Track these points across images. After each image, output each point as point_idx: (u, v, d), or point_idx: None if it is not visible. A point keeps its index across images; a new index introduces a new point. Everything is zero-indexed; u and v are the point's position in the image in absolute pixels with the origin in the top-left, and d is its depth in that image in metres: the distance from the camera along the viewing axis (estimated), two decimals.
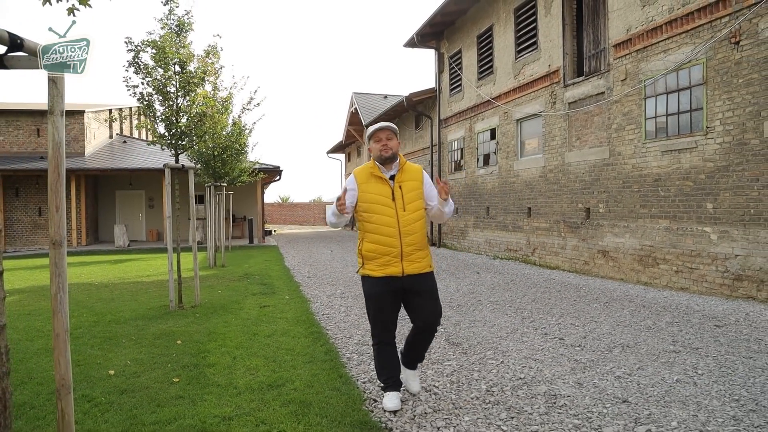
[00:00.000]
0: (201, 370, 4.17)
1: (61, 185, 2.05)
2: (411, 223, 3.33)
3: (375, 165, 3.44)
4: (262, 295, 8.09)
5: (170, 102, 6.66)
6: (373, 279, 3.35)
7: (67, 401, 2.14)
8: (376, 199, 3.35)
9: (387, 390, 3.42)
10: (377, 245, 3.32)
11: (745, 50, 7.37)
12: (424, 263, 3.38)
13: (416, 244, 3.34)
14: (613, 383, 3.75)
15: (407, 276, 3.30)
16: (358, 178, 3.43)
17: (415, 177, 3.46)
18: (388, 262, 3.30)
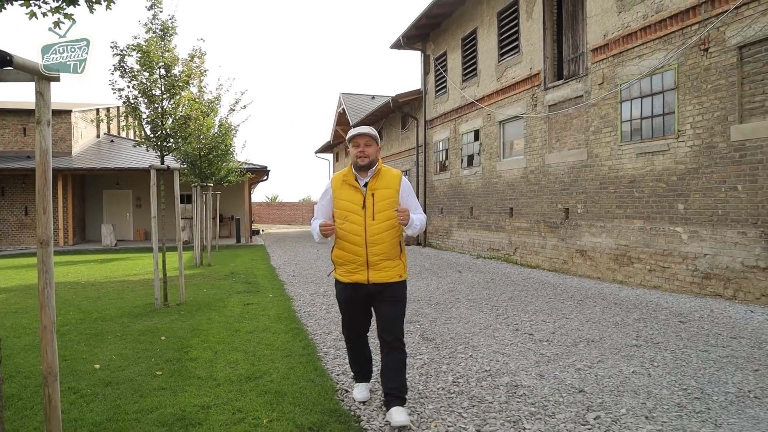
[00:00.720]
0: (183, 363, 4.35)
1: (48, 189, 2.22)
2: (379, 233, 3.27)
3: (350, 171, 3.38)
4: (247, 293, 8.27)
5: (155, 105, 6.82)
6: (341, 284, 3.38)
7: (53, 388, 2.33)
8: (347, 206, 3.32)
9: (357, 381, 3.58)
10: (344, 252, 3.32)
11: (713, 57, 7.66)
12: (392, 272, 3.31)
13: (384, 254, 3.27)
14: (573, 375, 3.99)
15: (373, 284, 3.28)
16: (333, 184, 3.42)
17: (390, 185, 3.36)
18: (355, 270, 3.30)
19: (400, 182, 3.39)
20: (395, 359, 3.28)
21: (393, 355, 3.28)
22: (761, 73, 7.06)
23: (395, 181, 3.38)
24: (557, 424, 3.08)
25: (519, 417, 3.19)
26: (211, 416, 3.20)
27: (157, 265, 7.00)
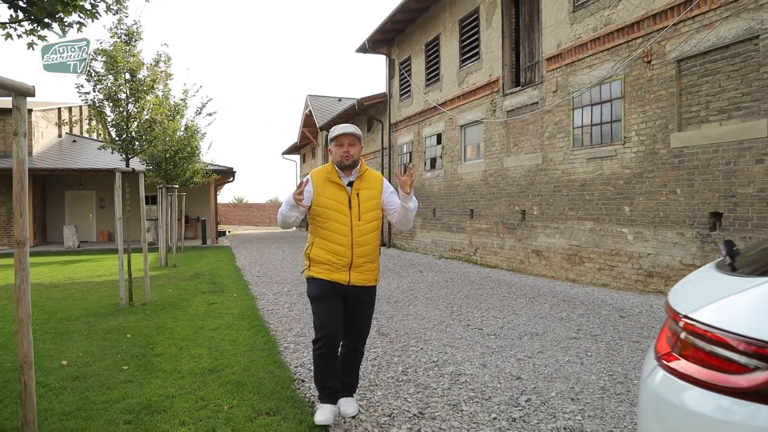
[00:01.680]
0: (149, 359, 4.56)
1: (24, 195, 2.44)
2: (365, 234, 3.23)
3: (333, 170, 3.28)
4: (211, 293, 8.44)
5: (121, 108, 6.96)
6: (319, 280, 3.22)
7: (29, 375, 2.54)
8: (331, 204, 3.21)
9: (322, 401, 3.27)
10: (327, 252, 3.20)
11: (655, 69, 8.19)
12: (371, 276, 3.29)
13: (367, 256, 3.24)
14: (513, 364, 4.35)
15: (352, 286, 3.22)
16: (315, 181, 3.28)
17: (373, 186, 3.32)
18: (336, 269, 3.20)
19: (382, 183, 3.39)
20: (353, 358, 3.37)
21: (352, 356, 3.36)
22: (696, 85, 7.61)
23: (378, 182, 3.36)
24: (491, 406, 3.43)
25: (458, 401, 3.53)
26: (175, 404, 3.44)
27: (122, 266, 7.14)
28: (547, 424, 3.14)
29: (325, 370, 3.23)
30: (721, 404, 0.98)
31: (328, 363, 3.21)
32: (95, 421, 3.18)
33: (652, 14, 8.17)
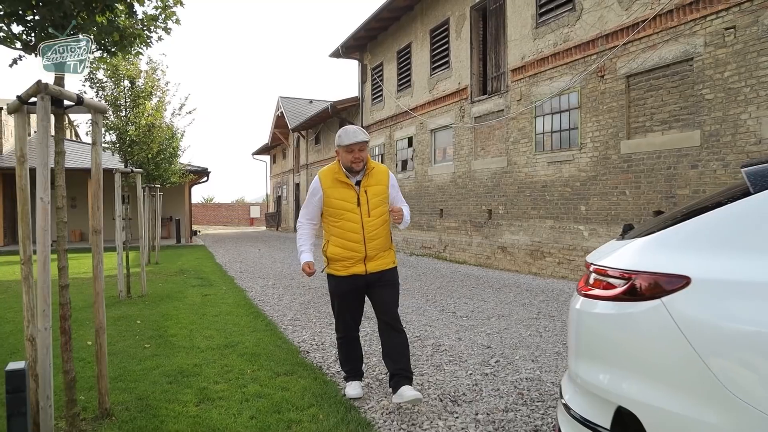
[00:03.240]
0: (165, 339, 5.16)
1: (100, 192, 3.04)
2: (375, 228, 3.39)
3: (341, 170, 3.41)
4: (201, 286, 9.00)
5: (120, 114, 7.49)
6: (338, 278, 3.44)
7: (103, 338, 3.16)
8: (341, 204, 3.38)
9: (349, 380, 3.60)
10: (342, 249, 3.37)
11: (608, 83, 9.13)
12: (387, 260, 3.48)
13: (381, 247, 3.43)
14: (483, 338, 5.13)
15: (370, 273, 3.40)
16: (324, 183, 3.43)
17: (380, 181, 3.47)
18: (353, 264, 3.38)
19: (388, 177, 3.52)
20: (398, 341, 3.43)
21: (395, 336, 3.44)
22: (642, 98, 8.57)
23: (384, 176, 3.50)
24: (468, 366, 4.18)
25: (440, 363, 4.28)
26: (204, 370, 4.08)
27: (122, 261, 7.65)
28: (513, 377, 3.91)
29: (348, 353, 3.60)
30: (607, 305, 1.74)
31: (350, 348, 3.59)
32: (141, 382, 3.80)
33: (605, 34, 9.12)
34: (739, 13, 7.17)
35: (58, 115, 2.96)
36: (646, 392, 1.61)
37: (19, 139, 2.88)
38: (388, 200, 3.51)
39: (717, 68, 7.43)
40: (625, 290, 1.69)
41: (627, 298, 1.68)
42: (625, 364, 1.70)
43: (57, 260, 3.02)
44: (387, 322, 3.46)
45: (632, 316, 1.67)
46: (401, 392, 3.18)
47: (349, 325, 3.57)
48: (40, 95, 2.67)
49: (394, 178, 3.59)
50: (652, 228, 1.85)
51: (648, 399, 1.59)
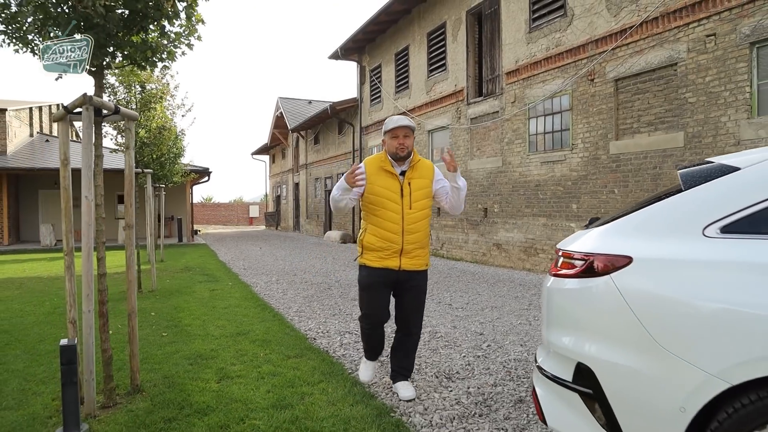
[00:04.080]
0: (181, 328, 5.54)
1: (132, 191, 3.41)
2: (415, 222, 3.33)
3: (387, 158, 3.39)
4: (208, 282, 9.37)
5: None
6: (370, 269, 3.40)
7: (134, 321, 3.54)
8: (383, 193, 3.33)
9: (367, 358, 3.70)
10: (379, 239, 3.33)
11: (598, 86, 9.53)
12: (421, 261, 3.43)
13: (418, 242, 3.36)
14: (477, 326, 5.52)
15: (403, 271, 3.36)
16: (368, 169, 3.37)
17: (425, 175, 3.43)
18: (388, 256, 3.34)
19: (434, 172, 3.50)
20: (409, 342, 3.55)
21: (409, 338, 3.55)
22: (630, 101, 8.98)
23: (430, 171, 3.47)
24: (462, 350, 4.58)
25: (437, 347, 4.67)
26: (220, 354, 4.46)
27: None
28: (502, 358, 4.31)
29: (371, 340, 3.62)
30: (571, 282, 2.13)
31: (374, 336, 3.60)
32: (165, 364, 4.19)
33: (595, 39, 9.52)
34: (719, 21, 7.57)
35: (96, 123, 3.33)
36: (598, 350, 2.00)
37: (63, 144, 3.25)
38: (435, 192, 3.49)
39: (699, 73, 7.83)
40: (583, 269, 2.08)
41: (585, 275, 2.07)
42: (583, 328, 2.10)
43: (97, 251, 3.38)
44: (407, 326, 3.53)
45: (589, 289, 2.06)
46: (398, 388, 3.46)
47: (376, 318, 3.51)
48: (86, 106, 3.05)
49: (439, 172, 3.57)
50: (608, 219, 2.24)
51: (599, 355, 1.99)
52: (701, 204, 1.92)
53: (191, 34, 3.72)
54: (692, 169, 2.06)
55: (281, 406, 3.19)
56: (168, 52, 3.55)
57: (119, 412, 3.17)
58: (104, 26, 3.04)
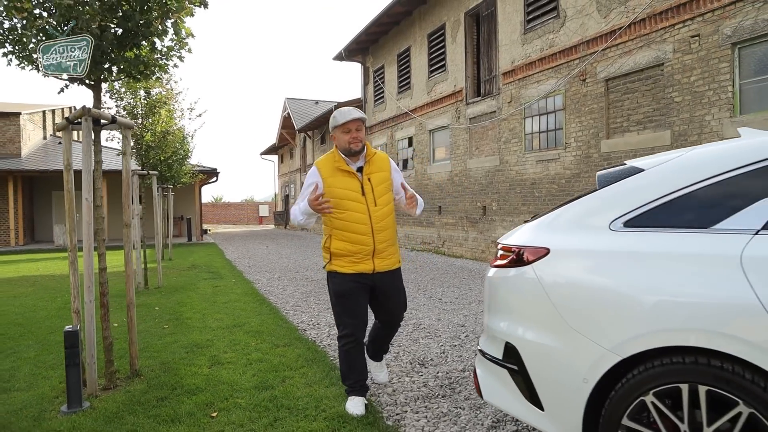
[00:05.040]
0: (181, 321, 5.89)
1: (129, 192, 3.74)
2: (383, 218, 3.16)
3: (339, 157, 3.16)
4: (212, 279, 9.74)
5: (138, 121, 8.23)
6: (342, 275, 3.16)
7: (133, 312, 3.88)
8: (344, 194, 3.10)
9: (352, 395, 3.18)
10: (348, 243, 3.11)
11: (589, 86, 9.76)
12: (394, 259, 3.28)
13: (389, 240, 3.20)
14: (461, 319, 5.81)
15: (378, 273, 3.18)
16: (323, 171, 3.16)
17: (382, 167, 3.24)
18: (360, 260, 3.13)
19: (389, 163, 3.33)
20: (390, 334, 3.54)
21: (389, 330, 3.51)
22: (620, 101, 9.20)
23: (386, 162, 3.30)
24: (440, 340, 4.87)
25: (417, 338, 4.97)
26: (215, 343, 4.80)
27: (140, 257, 8.41)
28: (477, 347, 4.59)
29: (353, 364, 3.18)
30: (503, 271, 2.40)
31: (355, 358, 3.18)
32: (163, 352, 4.53)
33: (586, 40, 9.74)
34: (703, 22, 7.78)
35: (96, 132, 3.67)
36: (521, 330, 2.28)
37: (66, 150, 3.59)
38: (393, 187, 3.32)
39: (684, 73, 8.05)
40: (513, 260, 2.37)
41: (514, 265, 2.36)
42: (510, 312, 2.38)
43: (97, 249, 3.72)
44: (390, 323, 3.45)
45: (516, 278, 2.34)
46: (373, 370, 3.61)
47: (356, 328, 3.18)
48: (85, 117, 3.38)
49: (394, 163, 3.39)
50: (538, 216, 2.53)
51: (522, 335, 2.27)
52: (609, 201, 2.20)
53: (181, 48, 4.04)
54: (608, 171, 2.34)
55: (263, 387, 3.51)
56: (159, 65, 3.86)
57: (118, 393, 3.51)
58: (99, 44, 3.37)
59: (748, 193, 1.89)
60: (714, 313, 1.76)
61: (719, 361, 1.74)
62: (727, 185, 1.94)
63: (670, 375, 1.83)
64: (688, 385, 1.79)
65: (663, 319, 1.85)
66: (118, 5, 3.41)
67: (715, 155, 2.06)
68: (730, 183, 1.93)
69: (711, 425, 1.75)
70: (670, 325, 1.84)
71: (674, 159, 2.16)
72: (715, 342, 1.74)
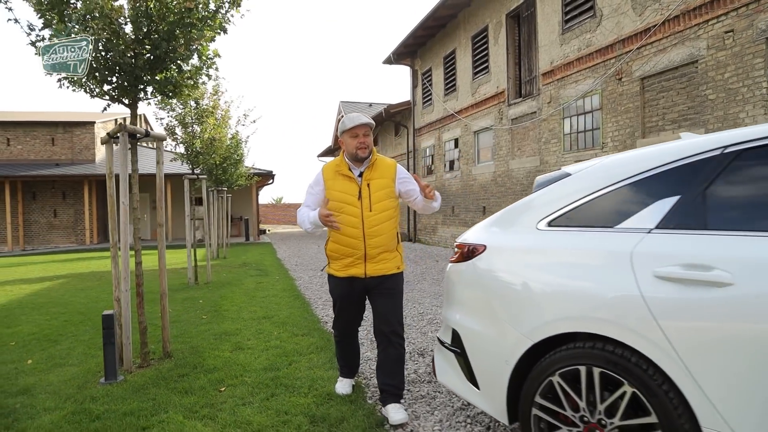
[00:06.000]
0: (219, 312, 6.47)
1: (162, 197, 4.27)
2: (377, 224, 3.15)
3: (344, 162, 3.25)
4: (258, 276, 10.39)
5: (188, 129, 8.97)
6: (336, 279, 3.27)
7: (165, 300, 4.44)
8: (341, 197, 3.17)
9: (341, 376, 3.54)
10: (340, 246, 3.20)
11: (625, 85, 9.72)
12: (390, 264, 3.23)
13: (382, 246, 3.18)
14: None
15: (370, 277, 3.18)
16: (325, 175, 3.28)
17: (386, 174, 3.24)
18: (351, 264, 3.18)
19: (395, 171, 3.30)
20: (393, 355, 3.21)
21: (390, 350, 3.21)
22: (655, 99, 9.13)
23: (390, 170, 3.27)
24: None
25: (427, 331, 5.30)
26: (242, 332, 5.32)
27: (191, 255, 9.14)
28: None
29: (344, 352, 3.50)
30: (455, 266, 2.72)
31: (346, 347, 3.49)
32: (195, 338, 5.09)
33: (622, 39, 9.71)
34: (737, 17, 7.66)
35: (133, 144, 4.23)
36: (463, 318, 2.60)
37: (108, 161, 4.18)
38: (403, 193, 3.31)
39: (718, 70, 7.94)
40: (462, 255, 2.69)
41: (461, 260, 2.68)
42: (457, 302, 2.69)
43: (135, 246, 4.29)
44: (385, 333, 3.23)
45: (462, 272, 2.65)
46: (388, 411, 3.09)
47: (347, 327, 3.42)
48: (121, 132, 3.94)
49: (403, 171, 3.36)
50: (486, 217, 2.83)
51: (464, 322, 2.58)
52: (539, 203, 2.48)
53: (209, 68, 4.57)
54: (544, 176, 2.61)
55: (270, 369, 3.97)
56: (187, 85, 4.40)
57: (149, 370, 4.06)
58: (134, 69, 3.92)
59: (647, 195, 2.13)
60: (606, 303, 2.03)
61: (611, 346, 2.01)
62: (630, 188, 2.19)
63: (571, 358, 2.11)
64: (585, 367, 2.06)
65: (565, 308, 2.13)
66: (147, 36, 3.95)
67: (624, 161, 2.30)
68: (633, 186, 2.18)
69: (603, 402, 2.02)
70: (570, 313, 2.12)
71: (593, 165, 2.41)
72: (605, 329, 2.01)
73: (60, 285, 9.91)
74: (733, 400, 1.70)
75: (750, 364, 1.67)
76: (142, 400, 3.40)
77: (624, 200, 2.19)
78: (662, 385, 1.84)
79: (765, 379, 1.64)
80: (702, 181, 1.98)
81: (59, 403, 3.42)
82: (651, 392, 1.86)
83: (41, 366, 4.36)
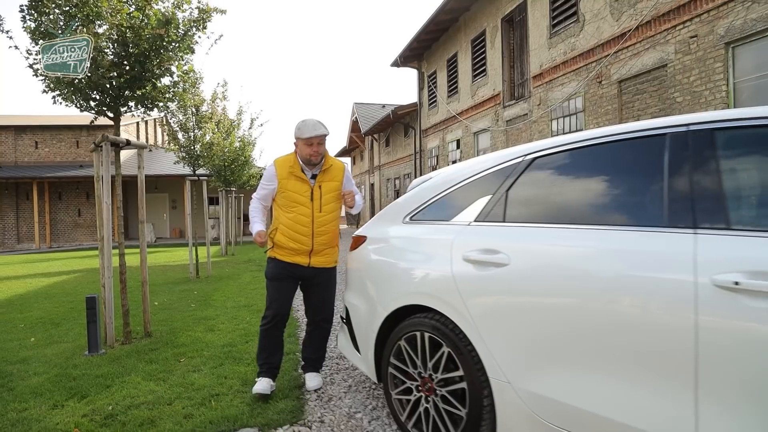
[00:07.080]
0: (207, 302, 7.14)
1: (142, 198, 4.99)
2: (325, 224, 3.40)
3: (297, 163, 3.41)
4: (258, 271, 11.07)
5: (189, 134, 9.70)
6: (279, 261, 3.45)
7: (146, 288, 5.10)
8: (294, 197, 3.37)
9: (260, 375, 3.45)
10: (290, 240, 3.38)
11: (605, 88, 10.12)
12: (330, 258, 3.51)
13: (327, 243, 3.45)
14: None
15: (311, 267, 3.44)
16: (279, 173, 3.42)
17: (335, 177, 3.47)
18: (297, 254, 3.41)
19: (344, 173, 3.54)
20: (319, 335, 3.62)
21: (318, 331, 3.61)
22: (631, 102, 9.52)
23: (340, 173, 3.51)
24: None
25: None
26: (220, 317, 5.97)
27: (192, 251, 9.87)
28: None
29: (269, 345, 3.44)
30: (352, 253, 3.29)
31: (272, 338, 3.45)
32: (177, 322, 5.75)
33: (601, 43, 10.12)
34: (700, 22, 8.04)
35: (117, 152, 4.90)
36: (351, 296, 3.18)
37: (97, 167, 4.85)
38: (341, 196, 3.51)
39: (684, 73, 8.32)
40: (354, 245, 3.27)
41: (354, 249, 3.26)
42: (349, 283, 3.28)
43: (119, 242, 4.96)
44: (314, 319, 3.60)
45: (352, 259, 3.24)
46: (305, 378, 3.61)
47: (281, 308, 3.46)
48: (104, 142, 4.62)
49: (349, 172, 3.62)
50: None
51: (350, 299, 3.16)
52: (407, 201, 3.04)
53: (185, 82, 5.23)
54: (417, 179, 3.18)
55: (228, 345, 4.60)
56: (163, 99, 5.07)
57: (129, 346, 4.72)
58: (118, 88, 4.59)
59: (474, 194, 2.68)
60: (431, 281, 2.60)
61: (437, 316, 2.56)
62: (466, 188, 2.74)
63: (411, 326, 2.67)
64: (419, 333, 2.63)
65: (407, 285, 2.71)
66: (125, 58, 4.62)
67: (463, 167, 2.85)
68: (468, 187, 2.73)
69: (431, 360, 2.58)
70: (409, 290, 2.69)
71: (442, 172, 2.98)
72: (429, 302, 2.58)
73: (74, 278, 10.76)
74: (508, 355, 2.24)
75: (517, 326, 2.21)
76: (114, 367, 4.06)
77: (460, 199, 2.74)
78: (467, 346, 2.39)
79: (527, 336, 2.17)
80: (507, 183, 2.52)
81: (47, 369, 4.10)
82: (459, 351, 2.41)
83: (41, 343, 5.07)
